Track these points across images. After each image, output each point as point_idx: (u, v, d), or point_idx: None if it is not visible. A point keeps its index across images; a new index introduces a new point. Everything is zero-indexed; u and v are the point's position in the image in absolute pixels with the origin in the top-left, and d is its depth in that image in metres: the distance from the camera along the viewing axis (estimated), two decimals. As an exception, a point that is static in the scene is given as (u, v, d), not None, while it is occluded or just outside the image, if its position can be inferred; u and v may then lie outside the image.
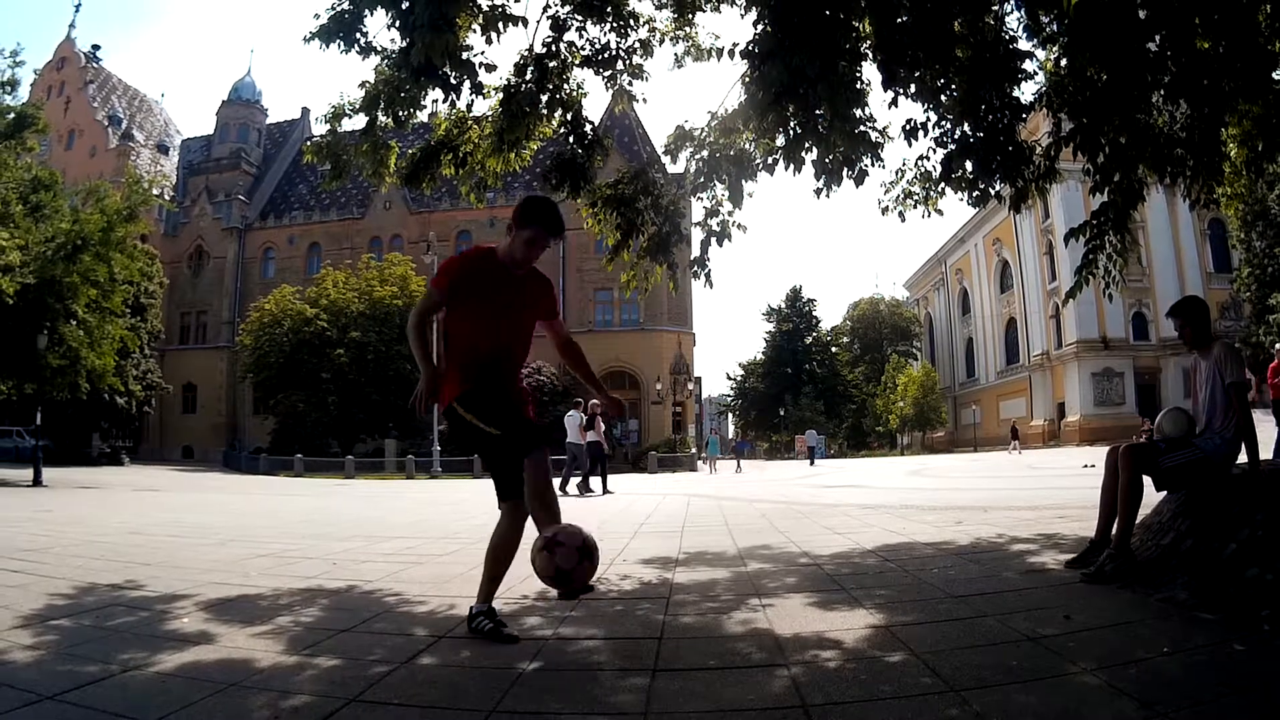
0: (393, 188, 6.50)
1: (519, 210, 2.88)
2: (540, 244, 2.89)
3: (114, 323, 19.44)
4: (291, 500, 13.70)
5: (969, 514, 6.97)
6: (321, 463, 29.85)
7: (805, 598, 3.53)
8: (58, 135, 43.63)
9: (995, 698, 2.08)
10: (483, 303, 2.86)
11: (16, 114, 18.39)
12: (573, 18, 5.46)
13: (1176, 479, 3.72)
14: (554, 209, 2.93)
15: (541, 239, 2.88)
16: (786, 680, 2.33)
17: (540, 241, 2.88)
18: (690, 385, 43.97)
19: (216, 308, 49.77)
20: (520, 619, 3.27)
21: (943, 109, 5.00)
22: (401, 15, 4.25)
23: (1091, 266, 5.17)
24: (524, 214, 2.86)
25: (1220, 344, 3.83)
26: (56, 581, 4.11)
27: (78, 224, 17.88)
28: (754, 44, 4.48)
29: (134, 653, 2.70)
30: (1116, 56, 4.09)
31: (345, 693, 2.27)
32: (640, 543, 5.82)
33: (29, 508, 10.28)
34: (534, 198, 2.98)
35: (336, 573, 4.52)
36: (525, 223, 2.85)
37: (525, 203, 2.91)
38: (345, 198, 48.03)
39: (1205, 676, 2.22)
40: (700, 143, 5.70)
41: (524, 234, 2.85)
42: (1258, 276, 30.26)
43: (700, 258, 5.89)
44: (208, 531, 7.17)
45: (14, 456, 31.95)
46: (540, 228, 2.86)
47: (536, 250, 2.90)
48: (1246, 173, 5.55)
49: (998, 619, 2.91)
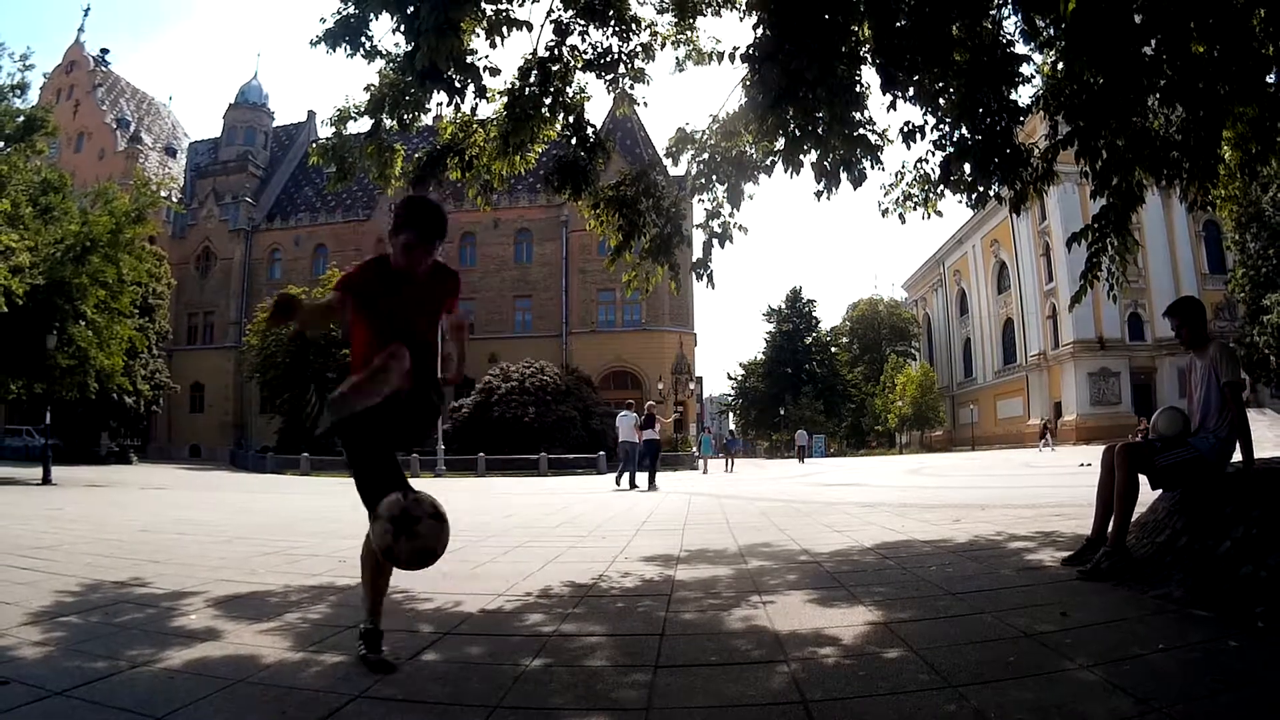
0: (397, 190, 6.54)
1: (395, 212, 2.59)
2: (419, 249, 2.55)
3: (122, 323, 19.54)
4: (298, 498, 13.71)
5: (967, 512, 6.99)
6: (328, 461, 29.89)
7: (805, 595, 3.56)
8: (67, 138, 43.89)
9: (992, 693, 2.11)
10: (371, 313, 2.59)
11: (26, 117, 18.46)
12: (575, 22, 5.51)
13: (1172, 477, 3.74)
14: (433, 210, 2.60)
15: (417, 243, 2.54)
16: (786, 676, 2.35)
17: (417, 246, 2.54)
18: (692, 385, 44.01)
19: (223, 308, 50.11)
20: (523, 616, 3.30)
21: (941, 112, 5.02)
22: (407, 19, 4.27)
23: (1095, 270, 5.20)
24: (401, 216, 2.56)
25: (1216, 344, 3.85)
26: (65, 579, 4.15)
27: (86, 226, 18.02)
28: (754, 47, 4.51)
29: (142, 649, 2.73)
30: (1113, 60, 4.11)
31: (351, 689, 2.30)
32: (642, 540, 5.85)
33: (38, 506, 10.33)
34: (412, 199, 2.69)
35: (343, 570, 4.53)
36: (402, 226, 2.54)
37: (403, 204, 2.61)
38: (351, 200, 48.29)
39: (1200, 672, 2.24)
40: (701, 145, 5.74)
41: (400, 238, 2.54)
42: (1252, 278, 30.35)
43: (702, 259, 5.92)
44: (215, 529, 7.21)
45: (24, 455, 32.21)
46: (415, 231, 2.53)
47: (417, 255, 2.56)
48: (1241, 175, 5.55)
49: (995, 616, 2.94)
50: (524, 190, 41.53)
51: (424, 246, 2.56)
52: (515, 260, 45.67)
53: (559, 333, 43.64)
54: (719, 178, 5.62)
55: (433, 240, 2.57)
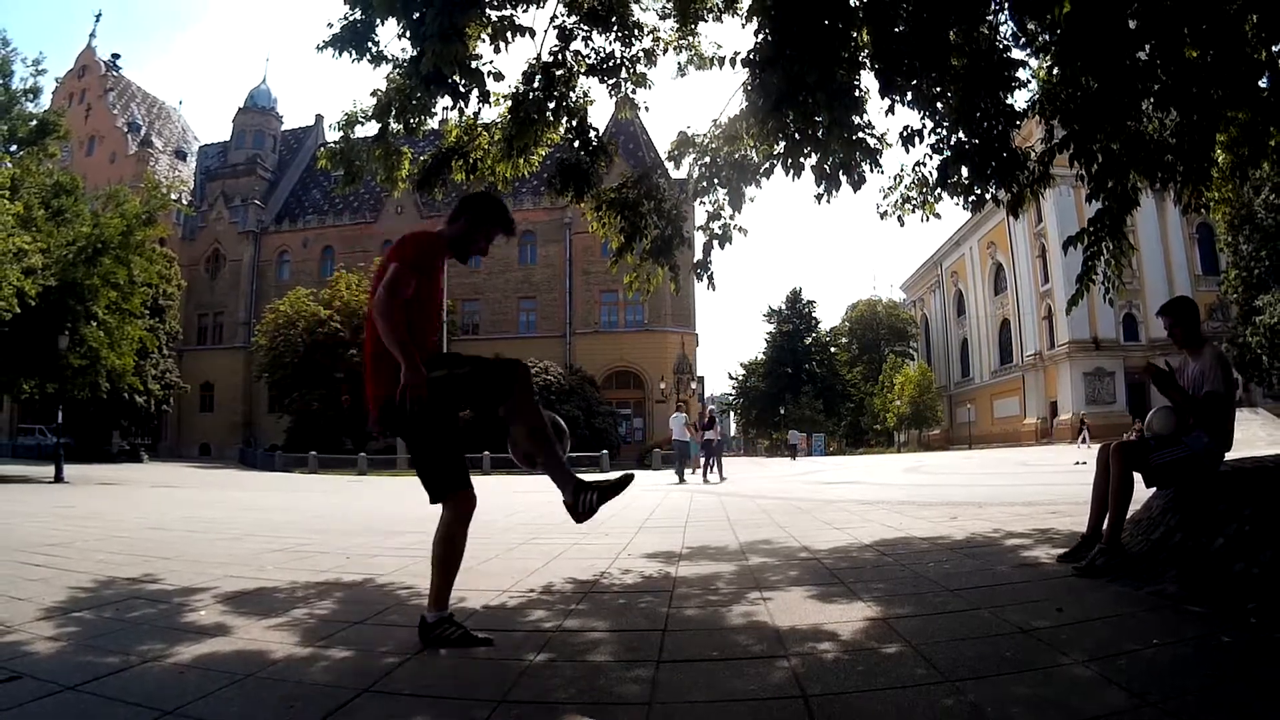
0: (404, 193, 6.62)
1: (479, 207, 2.94)
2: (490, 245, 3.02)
3: (133, 324, 19.67)
4: (306, 496, 13.80)
5: (964, 509, 7.00)
6: (335, 459, 30.15)
7: (805, 591, 3.58)
8: (79, 142, 44.32)
9: (989, 688, 2.12)
10: (431, 286, 2.86)
11: (39, 121, 18.66)
12: (579, 28, 5.57)
13: (1166, 476, 3.77)
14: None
15: (496, 238, 3.02)
16: (786, 671, 2.36)
17: (493, 242, 3.02)
18: (693, 384, 44.01)
19: (233, 309, 50.43)
20: (526, 612, 3.32)
21: (939, 116, 5.05)
22: (412, 25, 4.32)
23: (1091, 273, 5.22)
24: (490, 212, 2.96)
25: (1211, 350, 3.86)
26: (77, 575, 4.18)
27: (98, 228, 18.15)
28: (755, 53, 4.55)
29: (152, 644, 2.75)
30: (1107, 65, 4.14)
31: (358, 683, 2.31)
32: (644, 538, 5.87)
33: (51, 503, 10.40)
34: (496, 200, 3.06)
35: (350, 566, 4.58)
36: (492, 221, 2.95)
37: (492, 202, 3.00)
38: (358, 202, 48.59)
39: (1193, 667, 2.26)
40: (703, 148, 5.77)
41: (489, 230, 2.95)
42: (1244, 279, 30.46)
43: (703, 260, 5.95)
44: (225, 526, 7.26)
45: (37, 453, 32.57)
46: (504, 228, 2.98)
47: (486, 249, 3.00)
48: (1234, 178, 5.59)
49: (992, 612, 2.96)
50: (528, 193, 41.59)
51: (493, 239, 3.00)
52: (519, 262, 45.74)
53: (563, 333, 43.71)
54: (720, 181, 5.64)
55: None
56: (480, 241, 2.94)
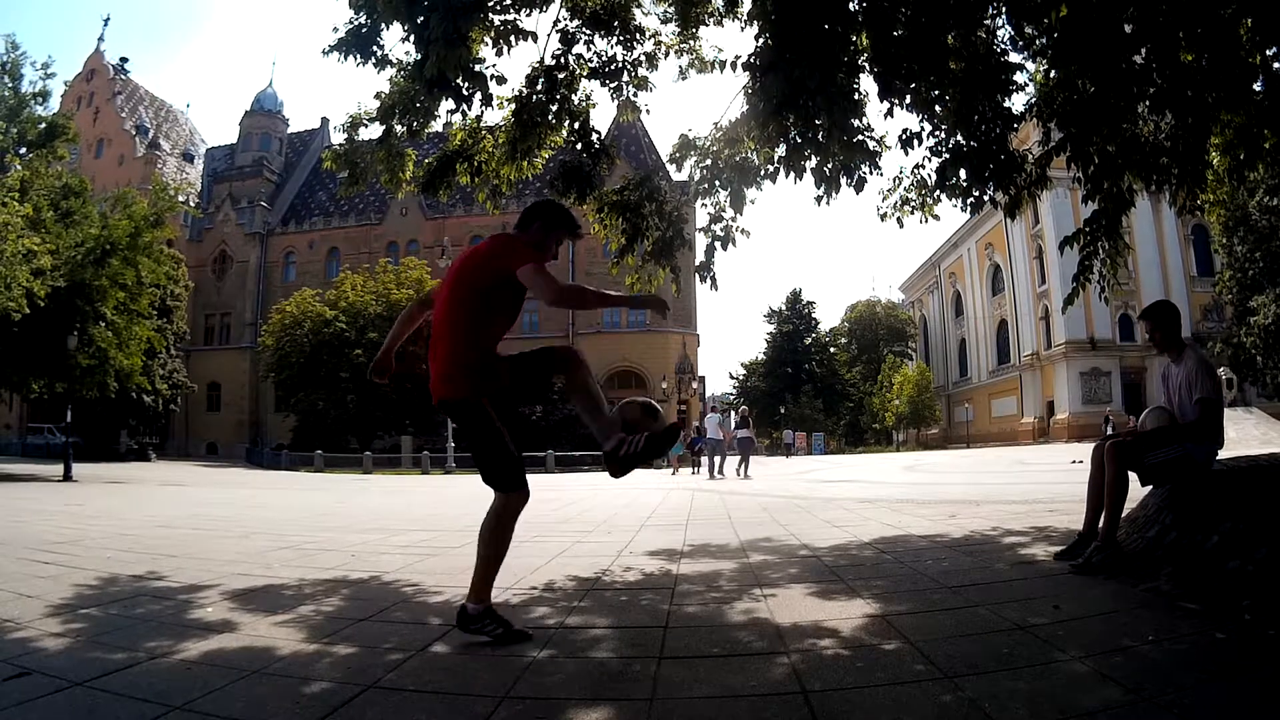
0: (409, 194, 6.67)
1: (550, 212, 3.00)
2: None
3: (141, 324, 19.79)
4: (312, 494, 13.83)
5: (962, 508, 7.01)
6: (341, 458, 30.28)
7: (805, 588, 3.60)
8: (87, 144, 44.45)
9: (987, 684, 2.13)
10: (516, 296, 2.87)
11: (48, 123, 18.80)
12: (581, 32, 5.61)
13: (1161, 474, 3.80)
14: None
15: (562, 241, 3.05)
16: (787, 667, 2.38)
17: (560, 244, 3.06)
18: (694, 384, 44.07)
19: (239, 310, 50.71)
20: (529, 609, 3.34)
21: (937, 119, 5.07)
22: (417, 29, 4.36)
23: (1087, 273, 5.24)
24: (559, 218, 3.00)
25: (1193, 354, 3.88)
26: (85, 572, 4.21)
27: (106, 230, 18.29)
28: (755, 56, 4.58)
29: (159, 641, 2.77)
30: (1103, 68, 4.17)
31: (363, 679, 2.32)
32: (646, 536, 5.89)
33: (60, 502, 10.46)
34: (561, 206, 3.12)
35: (356, 564, 4.60)
36: (562, 225, 2.99)
37: (559, 208, 3.05)
38: (363, 204, 48.75)
39: (1188, 663, 2.27)
40: (704, 151, 5.80)
41: (559, 234, 2.99)
42: (1239, 280, 30.52)
43: (705, 262, 5.99)
44: (231, 524, 7.30)
45: (46, 452, 32.73)
46: (571, 230, 3.02)
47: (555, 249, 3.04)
48: (1229, 180, 5.61)
49: (989, 609, 2.98)
50: (531, 195, 41.46)
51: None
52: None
53: (565, 333, 43.76)
54: (721, 183, 5.67)
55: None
56: (552, 245, 2.98)
